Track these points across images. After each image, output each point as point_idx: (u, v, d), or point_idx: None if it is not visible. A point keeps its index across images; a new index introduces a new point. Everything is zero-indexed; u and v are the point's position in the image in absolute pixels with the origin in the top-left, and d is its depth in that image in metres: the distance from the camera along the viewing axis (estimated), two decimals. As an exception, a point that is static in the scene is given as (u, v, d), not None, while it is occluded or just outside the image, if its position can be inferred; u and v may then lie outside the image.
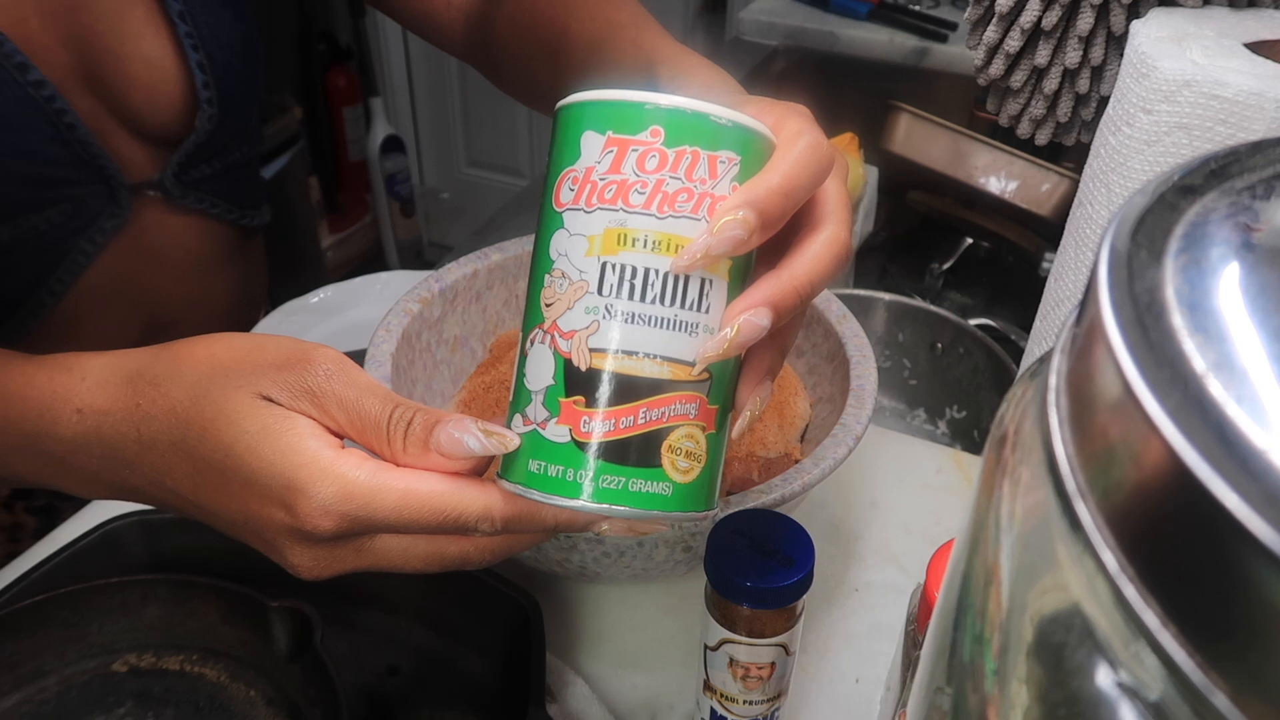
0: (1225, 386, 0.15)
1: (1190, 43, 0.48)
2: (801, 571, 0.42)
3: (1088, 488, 0.17)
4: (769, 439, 0.60)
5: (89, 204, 0.68)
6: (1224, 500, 0.14)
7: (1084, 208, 0.53)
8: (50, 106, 0.62)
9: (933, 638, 0.26)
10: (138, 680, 0.50)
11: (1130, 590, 0.16)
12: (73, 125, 0.64)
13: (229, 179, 0.78)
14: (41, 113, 0.62)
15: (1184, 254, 0.18)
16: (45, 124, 0.63)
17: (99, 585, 0.50)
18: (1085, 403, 0.18)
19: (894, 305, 0.96)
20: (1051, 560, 0.18)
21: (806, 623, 0.45)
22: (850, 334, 0.61)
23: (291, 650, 0.49)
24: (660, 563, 0.52)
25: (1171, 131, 0.46)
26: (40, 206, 0.65)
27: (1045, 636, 0.18)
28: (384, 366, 0.58)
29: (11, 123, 0.61)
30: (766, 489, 0.49)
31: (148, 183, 0.71)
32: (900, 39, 1.37)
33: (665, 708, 0.55)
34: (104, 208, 0.69)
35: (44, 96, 0.62)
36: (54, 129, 0.63)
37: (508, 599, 0.51)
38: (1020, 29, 0.59)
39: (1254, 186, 0.19)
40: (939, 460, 0.72)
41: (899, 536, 0.65)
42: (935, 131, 1.03)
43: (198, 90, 0.69)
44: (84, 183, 0.67)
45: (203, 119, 0.70)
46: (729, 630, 0.44)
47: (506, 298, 0.70)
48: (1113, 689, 0.16)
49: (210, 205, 0.76)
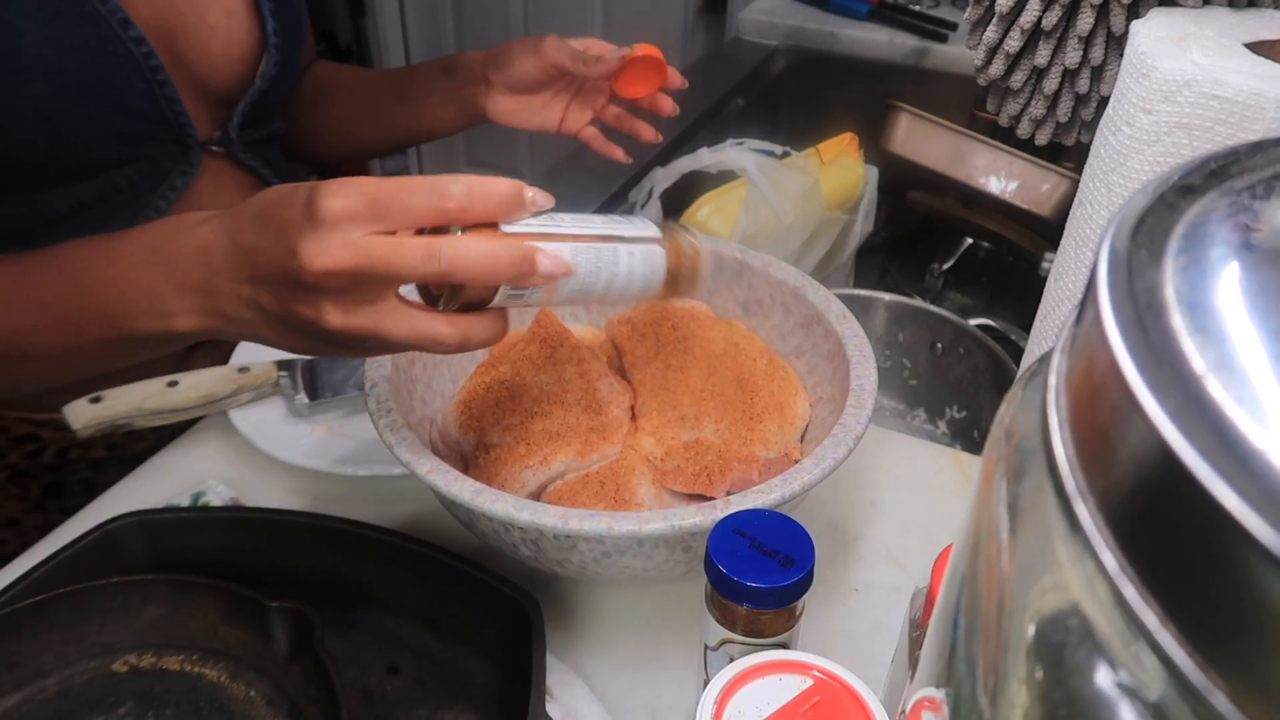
0: (1225, 386, 0.15)
1: (1190, 43, 0.48)
2: (801, 571, 0.42)
3: (1087, 488, 0.17)
4: (769, 439, 0.60)
5: (162, 162, 0.70)
6: (1223, 500, 0.14)
7: (1084, 208, 0.53)
8: (147, 63, 0.64)
9: (933, 638, 0.26)
10: (138, 680, 0.51)
11: (1130, 590, 0.16)
12: (164, 82, 0.66)
13: (275, 147, 0.81)
14: (139, 70, 0.64)
15: (1184, 254, 0.18)
16: (140, 80, 0.64)
17: (99, 585, 0.50)
18: (1085, 403, 0.18)
19: (894, 305, 0.96)
20: (1051, 560, 0.18)
21: (806, 623, 0.45)
22: (850, 334, 0.61)
23: (291, 650, 0.49)
24: (660, 563, 0.52)
25: (1171, 131, 0.46)
26: (123, 163, 0.67)
27: (1045, 636, 0.18)
28: (384, 366, 0.58)
29: (114, 79, 0.63)
30: (766, 489, 0.49)
31: (212, 140, 0.73)
32: (900, 39, 1.37)
33: (665, 708, 0.55)
34: (175, 164, 0.71)
35: (143, 53, 0.64)
36: (147, 85, 0.65)
37: (508, 599, 0.51)
38: (1020, 29, 0.59)
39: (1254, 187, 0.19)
40: (939, 460, 0.72)
41: (899, 536, 0.65)
42: (935, 131, 1.03)
43: (268, 37, 0.72)
44: (163, 140, 0.69)
45: (268, 64, 0.73)
46: (729, 630, 0.44)
47: (506, 298, 0.70)
48: (1112, 689, 0.16)
49: (263, 165, 0.78)
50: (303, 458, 0.68)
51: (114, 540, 0.53)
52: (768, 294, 0.68)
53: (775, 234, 0.92)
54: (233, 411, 0.71)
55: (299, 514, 0.56)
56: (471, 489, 0.49)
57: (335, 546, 0.54)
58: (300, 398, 0.72)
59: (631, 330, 0.68)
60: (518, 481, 0.57)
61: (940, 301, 1.11)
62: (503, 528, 0.51)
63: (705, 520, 0.47)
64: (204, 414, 0.71)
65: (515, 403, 0.62)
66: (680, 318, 0.68)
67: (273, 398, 0.74)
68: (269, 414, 0.73)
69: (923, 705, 0.26)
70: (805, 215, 0.95)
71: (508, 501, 0.48)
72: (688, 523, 0.47)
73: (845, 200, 1.02)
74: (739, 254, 0.69)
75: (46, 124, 0.62)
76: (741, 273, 0.69)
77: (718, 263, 0.69)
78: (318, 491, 0.68)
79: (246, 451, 0.70)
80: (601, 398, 0.62)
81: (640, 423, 0.62)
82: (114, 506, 0.64)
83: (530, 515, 0.48)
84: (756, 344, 0.67)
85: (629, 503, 0.56)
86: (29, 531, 0.80)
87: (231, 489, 0.67)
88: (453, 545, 0.54)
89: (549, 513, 0.48)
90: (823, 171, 0.98)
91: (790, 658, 0.41)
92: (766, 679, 0.40)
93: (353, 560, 0.54)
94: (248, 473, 0.70)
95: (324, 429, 0.73)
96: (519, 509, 0.48)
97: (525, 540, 0.52)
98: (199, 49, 0.69)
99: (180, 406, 0.69)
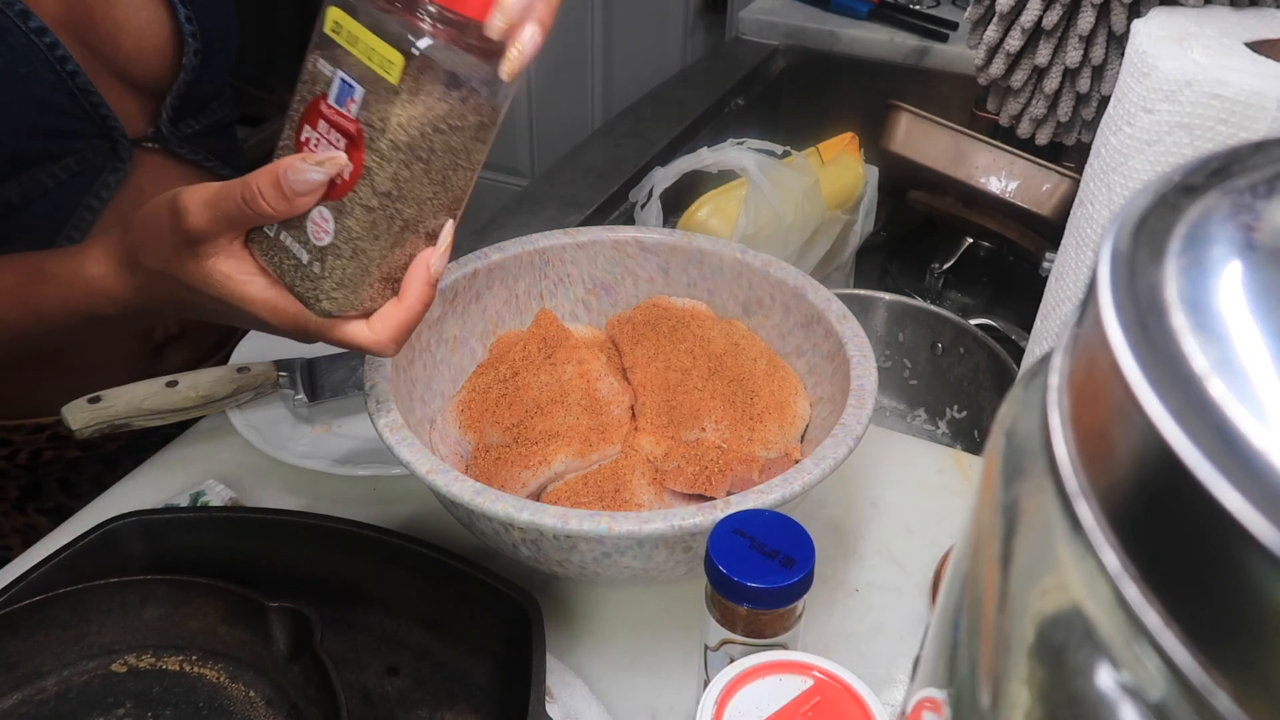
0: (1227, 386, 0.15)
1: (1191, 42, 0.48)
2: (801, 571, 0.42)
3: (1089, 488, 0.17)
4: (769, 439, 0.60)
5: (92, 159, 0.69)
6: (1224, 500, 0.14)
7: (1085, 207, 0.53)
8: (53, 54, 0.63)
9: (934, 638, 0.26)
10: (137, 681, 0.50)
11: (1131, 591, 0.15)
12: (74, 73, 0.65)
13: (216, 137, 0.79)
14: (45, 60, 0.63)
15: (1185, 254, 0.18)
16: (49, 72, 0.63)
17: (98, 585, 0.50)
18: (1086, 403, 0.18)
19: (894, 305, 0.96)
20: (1052, 560, 0.17)
21: (806, 623, 0.45)
22: (850, 334, 0.61)
23: (291, 651, 0.49)
24: (660, 563, 0.52)
25: (1173, 131, 0.46)
26: (47, 160, 0.66)
27: (1046, 637, 0.18)
28: (384, 366, 0.57)
29: (17, 70, 0.62)
30: (766, 489, 0.49)
31: (145, 136, 0.73)
32: (901, 39, 1.37)
33: (665, 708, 0.54)
34: (106, 162, 0.70)
35: (46, 44, 0.63)
36: (57, 77, 0.64)
37: (508, 599, 0.50)
38: (1021, 28, 0.59)
39: (1255, 186, 0.19)
40: (939, 460, 0.71)
41: (899, 536, 0.65)
42: (936, 131, 1.03)
43: (182, 27, 0.70)
44: (87, 135, 0.68)
45: (189, 55, 0.71)
46: (729, 630, 0.44)
47: (506, 297, 0.70)
48: (1114, 689, 0.16)
49: (204, 159, 0.77)
50: (302, 458, 0.68)
51: (113, 540, 0.53)
52: (768, 294, 0.68)
53: (775, 234, 0.92)
54: (232, 411, 0.71)
55: (299, 514, 0.56)
56: (471, 489, 0.49)
57: (335, 546, 0.54)
58: (300, 398, 0.72)
59: (631, 330, 0.68)
60: (517, 481, 0.57)
61: (940, 301, 1.11)
62: (503, 528, 0.51)
63: (705, 520, 0.47)
64: (203, 414, 0.71)
65: (515, 403, 0.62)
66: (680, 318, 0.68)
67: (272, 398, 0.74)
68: (269, 414, 0.73)
69: (924, 705, 0.26)
70: (805, 215, 0.95)
71: (508, 501, 0.48)
72: (688, 523, 0.47)
73: (845, 200, 1.02)
74: (739, 254, 0.69)
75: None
76: (741, 273, 0.69)
77: (718, 262, 0.69)
78: (317, 491, 0.68)
79: (246, 451, 0.70)
80: (601, 398, 0.62)
81: (640, 423, 0.62)
82: (113, 506, 0.64)
83: (530, 515, 0.48)
84: (757, 344, 0.67)
85: (629, 503, 0.56)
86: (9, 534, 0.79)
87: (231, 489, 0.67)
88: (453, 545, 0.54)
89: (549, 513, 0.48)
90: (823, 171, 0.98)
91: (790, 658, 0.40)
92: (767, 679, 0.40)
93: (353, 560, 0.54)
94: (247, 473, 0.70)
95: (324, 429, 0.73)
96: (519, 509, 0.48)
97: (525, 540, 0.52)
98: (110, 43, 0.68)
99: (179, 407, 0.69)
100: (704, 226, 0.91)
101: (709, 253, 0.70)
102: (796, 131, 1.16)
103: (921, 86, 1.34)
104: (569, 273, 0.71)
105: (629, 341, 0.67)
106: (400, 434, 0.53)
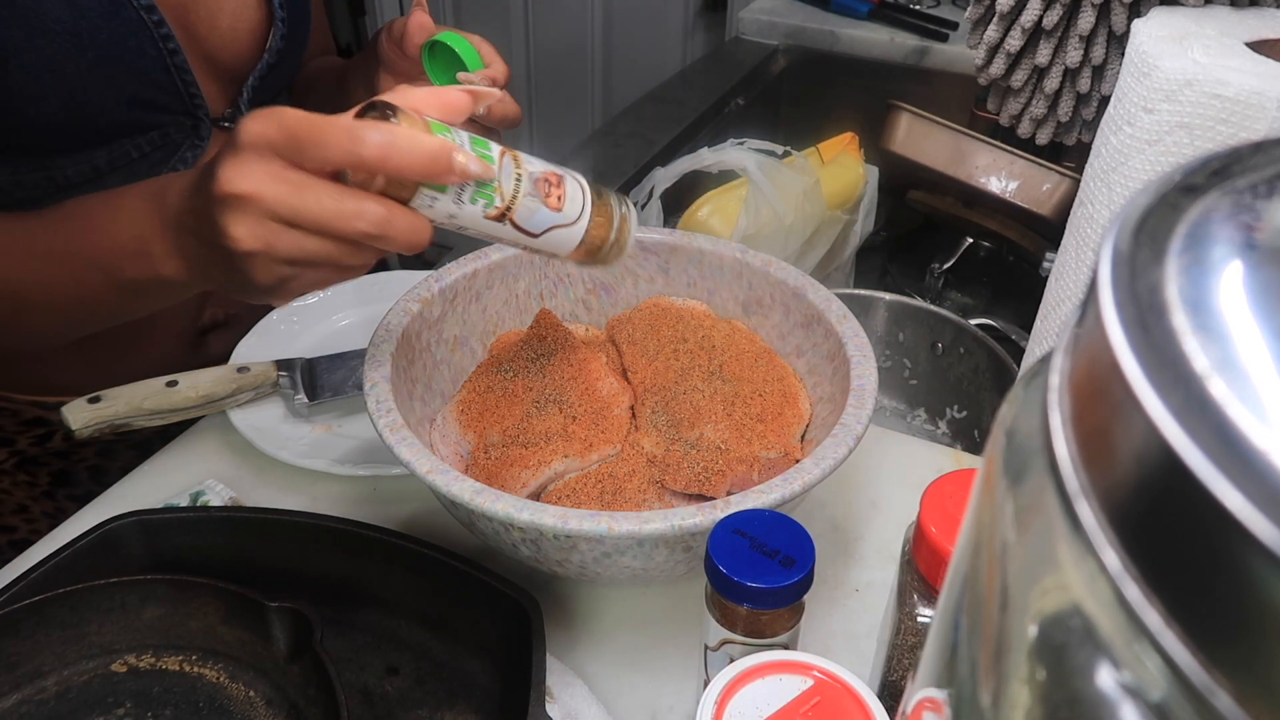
0: (1227, 386, 0.15)
1: (1192, 42, 0.48)
2: (801, 571, 0.42)
3: (1089, 488, 0.17)
4: (769, 439, 0.60)
5: (174, 135, 0.71)
6: (1226, 501, 0.14)
7: (1085, 207, 0.53)
8: (158, 31, 0.66)
9: (934, 638, 0.26)
10: (137, 681, 0.50)
11: (1132, 590, 0.15)
12: (174, 51, 0.67)
13: None
14: (150, 38, 0.65)
15: (1186, 253, 0.18)
16: (152, 48, 0.66)
17: (98, 585, 0.50)
18: (1087, 402, 0.18)
19: (894, 305, 0.96)
20: (1053, 560, 0.17)
21: (806, 623, 0.45)
22: (850, 334, 0.61)
23: (291, 650, 0.49)
24: (660, 563, 0.52)
25: (1173, 131, 0.46)
26: (135, 131, 0.69)
27: (1047, 637, 0.18)
28: (384, 366, 0.57)
29: (126, 43, 0.64)
30: (766, 489, 0.49)
31: (223, 116, 0.74)
32: (901, 38, 1.37)
33: (665, 708, 0.54)
34: (186, 139, 0.72)
35: (154, 21, 0.65)
36: (159, 54, 0.66)
37: (508, 599, 0.50)
38: (1021, 28, 0.59)
39: (1256, 186, 0.19)
40: (939, 460, 0.71)
41: (899, 536, 0.65)
42: (936, 131, 1.03)
43: (275, 11, 0.73)
44: (174, 111, 0.70)
45: (275, 38, 0.74)
46: (729, 630, 0.44)
47: (506, 297, 0.70)
48: (1115, 689, 0.16)
49: None
50: (302, 458, 0.68)
51: (113, 540, 0.53)
52: (768, 294, 0.68)
53: (775, 234, 0.92)
54: (232, 411, 0.71)
55: (298, 514, 0.56)
56: (471, 489, 0.49)
57: (335, 546, 0.54)
58: (300, 398, 0.72)
59: (631, 330, 0.68)
60: (517, 481, 0.57)
61: (941, 301, 1.11)
62: (503, 528, 0.51)
63: (705, 520, 0.47)
64: (203, 414, 0.71)
65: (515, 403, 0.62)
66: (680, 317, 0.68)
67: (272, 398, 0.74)
68: (268, 414, 0.73)
69: (924, 706, 0.26)
70: (805, 215, 0.95)
71: (508, 501, 0.48)
72: (688, 523, 0.47)
73: (845, 200, 1.02)
74: (739, 254, 0.69)
75: (64, 86, 0.63)
76: (741, 273, 0.69)
77: (718, 262, 0.69)
78: (317, 491, 0.68)
79: (246, 451, 0.70)
80: (601, 398, 0.62)
81: (640, 423, 0.62)
82: (113, 506, 0.64)
83: (530, 515, 0.48)
84: (757, 344, 0.67)
85: (629, 503, 0.56)
86: (38, 519, 0.80)
87: (231, 489, 0.67)
88: (453, 545, 0.54)
89: (549, 513, 0.48)
90: (823, 171, 0.98)
91: (791, 658, 0.40)
92: (767, 679, 0.40)
93: (353, 560, 0.54)
94: (247, 473, 0.70)
95: (324, 429, 0.73)
96: (519, 509, 0.48)
97: (525, 540, 0.52)
98: (208, 22, 0.70)
99: (179, 406, 0.69)
100: (704, 226, 0.91)
101: (709, 253, 0.70)
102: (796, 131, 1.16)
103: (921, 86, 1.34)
104: (569, 272, 0.72)
105: (629, 341, 0.67)
106: (400, 434, 0.53)
